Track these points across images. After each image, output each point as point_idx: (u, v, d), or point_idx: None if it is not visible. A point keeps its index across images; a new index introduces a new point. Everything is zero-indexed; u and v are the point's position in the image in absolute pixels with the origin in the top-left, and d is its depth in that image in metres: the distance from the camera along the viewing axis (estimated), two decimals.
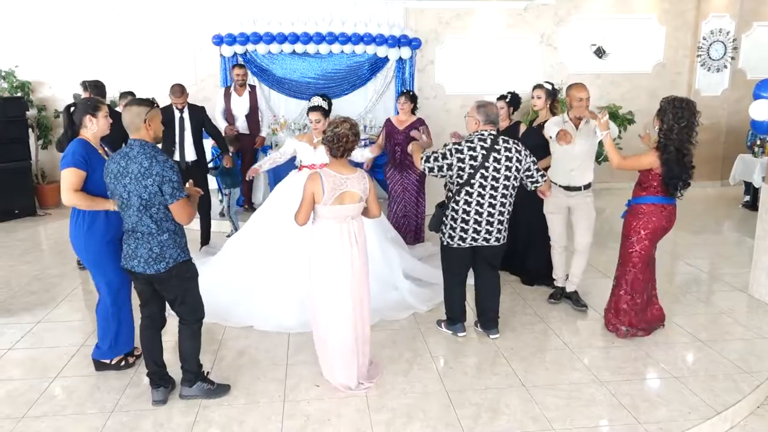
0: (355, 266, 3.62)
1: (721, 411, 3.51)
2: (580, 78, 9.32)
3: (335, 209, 3.55)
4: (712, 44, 9.55)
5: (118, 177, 3.27)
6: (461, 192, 4.09)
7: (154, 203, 3.25)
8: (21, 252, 6.62)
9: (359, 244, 3.64)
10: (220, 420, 3.43)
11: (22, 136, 8.09)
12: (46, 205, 8.52)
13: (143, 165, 3.21)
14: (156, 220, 3.29)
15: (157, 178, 3.21)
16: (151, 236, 3.31)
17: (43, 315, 4.89)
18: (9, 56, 8.41)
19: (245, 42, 8.44)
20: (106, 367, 3.99)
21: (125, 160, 3.26)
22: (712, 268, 6.10)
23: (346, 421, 3.42)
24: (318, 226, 3.64)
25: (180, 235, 3.43)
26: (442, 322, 4.59)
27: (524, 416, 3.47)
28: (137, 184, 3.21)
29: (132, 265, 3.38)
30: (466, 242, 4.22)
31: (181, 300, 3.48)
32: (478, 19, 9.24)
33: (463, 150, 4.02)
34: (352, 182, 3.56)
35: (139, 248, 3.33)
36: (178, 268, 3.40)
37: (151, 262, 3.32)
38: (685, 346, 4.32)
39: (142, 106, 3.34)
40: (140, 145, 3.27)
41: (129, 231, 3.36)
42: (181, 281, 3.45)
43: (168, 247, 3.34)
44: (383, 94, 9.02)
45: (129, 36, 8.68)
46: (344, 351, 3.68)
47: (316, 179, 3.53)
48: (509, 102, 5.73)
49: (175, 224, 3.38)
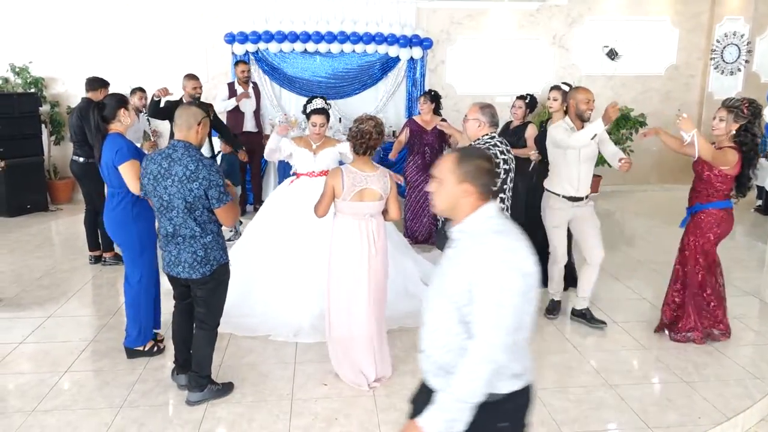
0: (373, 264, 3.62)
1: (731, 417, 3.48)
2: (592, 80, 9.39)
3: (354, 205, 3.56)
4: (725, 47, 9.47)
5: (158, 179, 3.22)
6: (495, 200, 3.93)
7: (198, 206, 3.22)
8: (33, 247, 6.66)
9: (377, 243, 3.62)
10: (228, 417, 3.44)
11: (35, 132, 8.15)
12: (58, 200, 8.59)
13: (189, 168, 3.16)
14: (200, 223, 3.26)
15: (203, 182, 3.18)
16: (194, 239, 3.27)
17: (54, 309, 4.93)
18: (23, 52, 8.47)
19: (257, 40, 8.47)
20: (139, 354, 4.07)
21: (167, 162, 3.21)
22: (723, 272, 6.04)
23: (354, 421, 3.42)
24: (338, 222, 3.66)
25: (222, 236, 3.43)
26: None
27: (533, 419, 3.43)
28: (181, 187, 3.17)
29: (177, 271, 3.34)
30: None
31: (210, 304, 3.45)
32: (490, 19, 9.22)
33: (497, 154, 3.84)
34: (373, 180, 3.57)
35: (182, 253, 3.29)
36: (220, 270, 3.39)
37: (196, 266, 3.29)
38: (696, 351, 4.28)
39: (201, 108, 3.43)
40: (185, 147, 3.23)
41: (169, 236, 3.31)
42: (217, 283, 3.43)
43: (212, 249, 3.32)
44: (394, 93, 9.02)
45: (142, 33, 8.73)
46: (358, 349, 3.69)
47: (338, 174, 3.56)
48: (528, 103, 5.74)
49: (218, 225, 3.37)
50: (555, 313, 4.84)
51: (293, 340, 4.33)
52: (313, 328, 4.40)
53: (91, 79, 5.75)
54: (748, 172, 4.17)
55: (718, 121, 4.19)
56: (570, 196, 4.52)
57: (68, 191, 8.67)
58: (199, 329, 3.51)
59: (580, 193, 4.53)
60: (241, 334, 4.42)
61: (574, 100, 4.50)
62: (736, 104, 4.15)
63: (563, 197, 4.53)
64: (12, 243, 6.80)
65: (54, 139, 8.59)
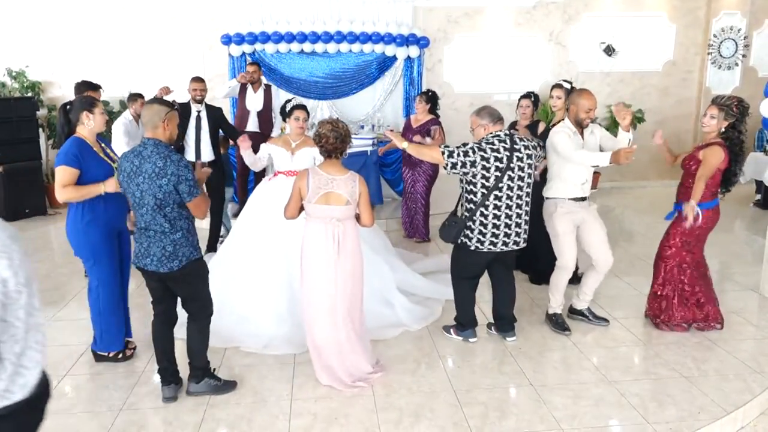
0: (340, 268, 3.61)
1: (731, 411, 3.47)
2: (589, 76, 9.39)
3: (320, 209, 3.57)
4: (723, 42, 9.46)
5: (131, 176, 3.28)
6: (490, 197, 3.94)
7: (168, 202, 3.27)
8: (31, 251, 6.67)
9: (345, 248, 3.60)
10: (228, 418, 3.44)
11: (33, 136, 8.17)
12: (57, 204, 8.57)
13: (157, 165, 3.22)
14: (170, 219, 3.30)
15: (172, 178, 3.22)
16: (164, 235, 3.32)
17: (53, 313, 4.93)
18: (20, 56, 8.47)
19: (253, 41, 8.47)
20: (104, 359, 4.07)
21: (138, 159, 3.27)
22: (722, 267, 6.04)
23: (354, 420, 3.42)
24: (307, 226, 3.67)
25: (192, 233, 3.46)
26: (451, 328, 4.45)
27: (532, 416, 3.45)
28: (151, 184, 3.22)
29: (144, 263, 3.39)
30: (497, 246, 4.06)
31: (193, 297, 3.52)
32: (486, 17, 9.21)
33: (486, 151, 3.87)
34: (339, 184, 3.56)
35: (152, 246, 3.34)
36: (191, 266, 3.42)
37: (164, 260, 3.34)
38: (695, 346, 4.28)
39: (163, 105, 3.41)
40: (154, 144, 3.29)
41: (141, 229, 3.37)
42: (193, 279, 3.47)
43: (181, 245, 3.36)
44: (391, 93, 9.03)
45: (138, 36, 8.72)
46: (324, 351, 3.70)
47: (304, 176, 3.59)
48: (534, 101, 5.75)
49: (188, 223, 3.40)
50: (568, 329, 4.50)
51: (263, 352, 4.18)
52: (286, 340, 4.26)
53: (78, 83, 5.62)
54: (735, 169, 4.25)
55: (709, 118, 4.23)
56: (576, 197, 4.38)
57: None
58: (190, 320, 3.57)
59: (586, 191, 4.41)
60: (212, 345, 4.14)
61: (575, 106, 4.28)
62: (727, 102, 4.22)
63: (569, 200, 4.36)
64: None
65: (51, 143, 8.58)
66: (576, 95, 4.33)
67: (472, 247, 4.06)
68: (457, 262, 4.30)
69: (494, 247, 4.06)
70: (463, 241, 4.09)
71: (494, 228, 4.00)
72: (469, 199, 4.03)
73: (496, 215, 3.97)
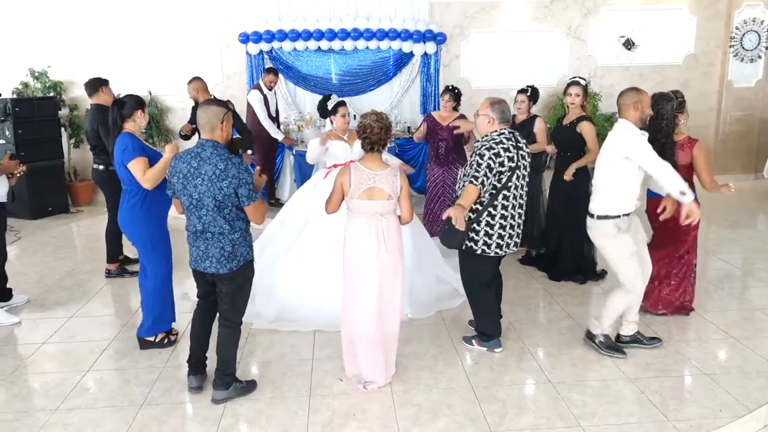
0: (382, 264, 3.60)
1: (753, 409, 3.43)
2: (608, 70, 9.30)
3: (363, 204, 3.56)
4: (745, 34, 9.31)
5: (188, 177, 3.26)
6: (498, 196, 3.82)
7: (227, 204, 3.27)
8: (54, 248, 6.77)
9: (388, 243, 3.58)
10: (247, 414, 3.47)
11: (55, 135, 8.29)
12: (79, 202, 8.72)
13: (218, 167, 3.21)
14: (229, 220, 3.31)
15: (233, 181, 3.22)
16: (222, 236, 3.32)
17: (76, 310, 5.01)
18: (42, 57, 8.60)
19: (271, 39, 8.50)
20: (150, 345, 4.22)
21: (197, 161, 3.25)
22: (745, 263, 5.96)
23: (372, 416, 3.43)
24: (350, 221, 3.66)
25: (249, 232, 3.48)
26: (473, 339, 4.22)
27: (551, 413, 3.44)
28: (211, 186, 3.22)
29: (204, 266, 3.38)
30: (502, 249, 3.91)
31: (234, 301, 3.50)
32: (503, 12, 9.16)
33: (499, 152, 3.75)
34: (381, 179, 3.55)
35: (210, 248, 3.34)
36: (246, 267, 3.45)
37: (223, 261, 3.34)
38: (717, 343, 4.24)
39: (221, 106, 3.41)
40: (213, 146, 3.28)
41: (198, 233, 3.35)
42: (243, 281, 3.49)
43: (240, 245, 3.37)
44: (408, 89, 9.01)
45: (157, 35, 8.81)
46: (366, 348, 3.69)
47: (346, 171, 3.57)
48: (530, 96, 5.69)
49: (245, 222, 3.42)
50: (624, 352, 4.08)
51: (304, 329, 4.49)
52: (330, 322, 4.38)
53: (87, 82, 5.64)
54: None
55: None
56: (630, 212, 3.90)
57: (88, 193, 8.80)
58: (223, 326, 3.55)
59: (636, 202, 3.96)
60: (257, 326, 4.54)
61: (641, 103, 3.79)
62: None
63: (624, 216, 3.85)
64: (35, 245, 6.92)
65: (73, 142, 8.71)
66: (637, 92, 3.81)
67: (478, 251, 3.90)
68: (467, 269, 4.13)
69: (500, 250, 3.91)
70: (468, 245, 3.93)
71: (500, 229, 3.86)
72: (477, 201, 3.85)
73: (503, 215, 3.85)
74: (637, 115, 3.79)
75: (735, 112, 9.67)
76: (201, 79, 6.34)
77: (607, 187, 3.84)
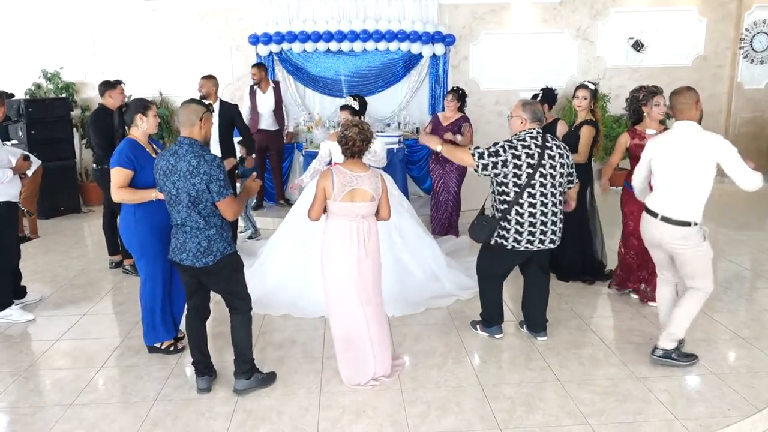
0: (363, 266, 3.65)
1: (762, 408, 3.44)
2: (617, 72, 9.31)
3: (346, 206, 3.60)
4: (755, 35, 9.30)
5: (167, 174, 3.39)
6: (523, 195, 3.92)
7: (201, 200, 3.36)
8: (67, 248, 6.85)
9: (368, 245, 3.65)
10: (258, 410, 3.51)
11: (67, 136, 8.39)
12: (90, 202, 8.80)
13: (191, 163, 3.32)
14: (204, 216, 3.40)
15: (204, 177, 3.31)
16: (199, 231, 3.41)
17: (89, 308, 5.07)
18: (54, 59, 8.70)
19: (280, 41, 8.56)
20: (157, 351, 4.20)
21: (174, 158, 3.38)
22: (754, 264, 5.96)
23: (381, 413, 3.46)
24: (329, 223, 3.70)
25: (226, 229, 3.54)
26: (478, 324, 4.47)
27: (559, 411, 3.46)
28: (186, 182, 3.32)
29: (180, 258, 3.49)
30: (533, 245, 4.03)
31: (231, 291, 3.59)
32: (512, 14, 9.18)
33: (517, 148, 3.88)
34: (363, 180, 3.61)
35: (188, 242, 3.44)
36: (225, 261, 3.50)
37: (199, 255, 3.42)
38: (726, 344, 4.24)
39: (200, 105, 3.52)
40: (189, 143, 3.39)
41: (178, 225, 3.48)
42: (228, 273, 3.55)
43: (215, 241, 3.44)
44: (417, 90, 9.05)
45: (168, 37, 8.90)
46: (350, 348, 3.73)
47: (328, 175, 3.62)
48: (542, 100, 5.68)
49: (221, 219, 3.48)
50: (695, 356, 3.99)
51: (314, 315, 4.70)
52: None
53: (99, 84, 5.84)
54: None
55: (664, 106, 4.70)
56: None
57: (99, 193, 8.84)
58: (231, 314, 3.63)
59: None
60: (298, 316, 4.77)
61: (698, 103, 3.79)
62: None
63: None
64: (48, 244, 7.00)
65: (85, 142, 8.78)
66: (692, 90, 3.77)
67: (509, 246, 4.04)
68: (486, 261, 4.29)
69: (531, 246, 4.03)
70: (499, 242, 4.06)
71: (531, 226, 3.97)
72: (502, 199, 4.00)
73: (531, 213, 3.95)
74: (699, 114, 3.75)
75: (745, 114, 9.66)
76: (215, 78, 6.37)
77: (703, 192, 3.69)
